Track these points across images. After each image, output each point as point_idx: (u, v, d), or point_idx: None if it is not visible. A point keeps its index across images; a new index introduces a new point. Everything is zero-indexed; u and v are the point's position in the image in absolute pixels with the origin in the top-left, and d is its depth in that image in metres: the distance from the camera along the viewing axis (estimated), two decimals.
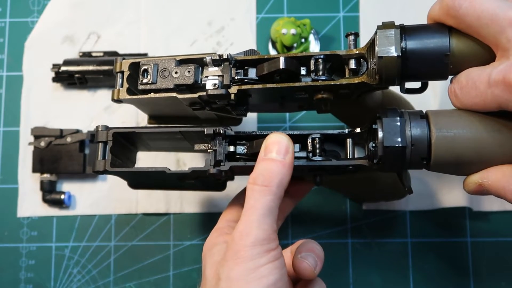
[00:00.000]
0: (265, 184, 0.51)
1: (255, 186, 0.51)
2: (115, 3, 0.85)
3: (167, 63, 0.59)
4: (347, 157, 0.57)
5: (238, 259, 0.49)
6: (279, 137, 0.53)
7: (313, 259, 0.56)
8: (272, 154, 0.53)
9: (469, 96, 0.50)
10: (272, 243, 0.51)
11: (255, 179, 0.52)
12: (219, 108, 0.60)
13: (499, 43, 0.48)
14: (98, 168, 0.59)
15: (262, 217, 0.50)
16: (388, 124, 0.52)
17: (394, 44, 0.52)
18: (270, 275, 0.49)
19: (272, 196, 0.51)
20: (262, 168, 0.52)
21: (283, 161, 0.52)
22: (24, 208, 0.81)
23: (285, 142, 0.53)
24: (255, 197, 0.51)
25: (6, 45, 0.85)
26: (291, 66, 0.56)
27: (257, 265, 0.49)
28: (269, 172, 0.52)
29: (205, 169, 0.57)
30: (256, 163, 0.53)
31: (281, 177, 0.52)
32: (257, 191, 0.51)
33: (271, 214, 0.51)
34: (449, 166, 0.52)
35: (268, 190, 0.51)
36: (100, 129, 0.59)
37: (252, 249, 0.49)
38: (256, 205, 0.51)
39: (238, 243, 0.50)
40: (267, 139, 0.54)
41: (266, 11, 0.85)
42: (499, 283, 0.77)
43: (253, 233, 0.50)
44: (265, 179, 0.51)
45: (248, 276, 0.49)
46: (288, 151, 0.53)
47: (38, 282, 0.79)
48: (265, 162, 0.53)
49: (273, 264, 0.50)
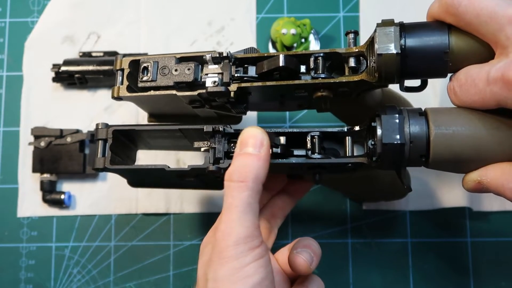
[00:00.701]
0: (241, 180, 0.50)
1: (232, 183, 0.50)
2: (115, 3, 0.85)
3: (167, 60, 0.59)
4: (346, 155, 0.57)
5: (222, 260, 0.48)
6: (254, 131, 0.53)
7: (309, 255, 0.56)
8: (248, 148, 0.52)
9: (468, 93, 0.50)
10: (256, 240, 0.50)
11: (231, 175, 0.51)
12: (218, 106, 0.60)
13: (498, 41, 0.48)
14: (98, 166, 0.59)
15: (242, 214, 0.49)
16: (386, 121, 0.52)
17: (393, 41, 0.52)
18: (255, 274, 0.48)
19: (250, 191, 0.50)
20: (237, 164, 0.51)
21: (258, 154, 0.51)
22: (24, 208, 0.81)
23: (260, 135, 0.52)
24: (232, 195, 0.50)
25: (6, 45, 0.85)
26: (291, 64, 0.56)
27: (242, 264, 0.48)
28: (244, 167, 0.51)
29: (204, 167, 0.57)
30: (233, 159, 0.52)
31: (256, 171, 0.51)
32: (234, 188, 0.50)
33: (251, 210, 0.50)
34: (448, 163, 0.52)
35: (245, 185, 0.50)
36: (100, 127, 0.60)
37: (235, 248, 0.48)
38: (234, 203, 0.50)
39: (221, 243, 0.49)
40: (242, 133, 0.53)
41: (266, 11, 0.85)
42: (499, 283, 0.77)
43: (234, 231, 0.49)
44: (241, 174, 0.50)
45: (233, 276, 0.48)
46: (263, 144, 0.52)
47: (38, 282, 0.79)
48: (240, 157, 0.52)
49: (258, 262, 0.49)
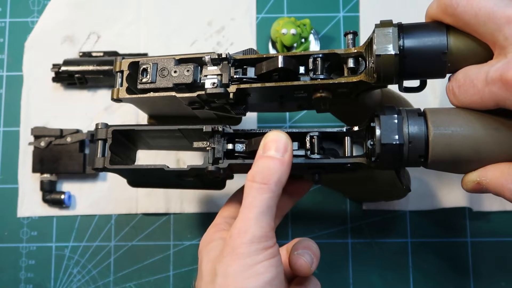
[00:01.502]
0: (264, 182, 0.51)
1: (254, 183, 0.51)
2: (115, 3, 0.85)
3: (166, 62, 0.59)
4: (345, 155, 0.57)
5: (235, 256, 0.49)
6: (278, 135, 0.53)
7: (310, 256, 0.57)
8: (271, 152, 0.52)
9: (466, 94, 0.51)
10: (270, 241, 0.51)
11: (254, 176, 0.52)
12: (218, 107, 0.60)
13: (497, 41, 0.49)
14: (98, 165, 0.59)
15: (260, 215, 0.50)
16: (385, 122, 0.52)
17: (392, 42, 0.52)
18: (266, 272, 0.49)
19: (271, 194, 0.51)
20: (261, 166, 0.52)
21: (281, 159, 0.52)
22: (24, 208, 0.81)
23: (284, 140, 0.53)
24: (253, 195, 0.51)
25: (6, 45, 0.85)
26: (290, 65, 0.56)
27: (254, 262, 0.49)
28: (267, 170, 0.52)
29: (203, 167, 0.57)
30: (255, 161, 0.53)
31: (279, 175, 0.52)
32: (256, 188, 0.51)
33: (269, 212, 0.51)
34: (446, 164, 0.52)
35: (267, 188, 0.51)
36: (99, 127, 0.60)
37: (249, 246, 0.49)
38: (254, 203, 0.51)
39: (236, 240, 0.50)
40: (266, 136, 0.54)
41: (266, 11, 0.85)
42: (499, 283, 0.77)
43: (250, 230, 0.50)
44: (264, 176, 0.51)
45: (245, 272, 0.49)
46: (287, 149, 0.53)
47: (38, 282, 0.79)
48: (263, 160, 0.52)
49: (270, 261, 0.50)
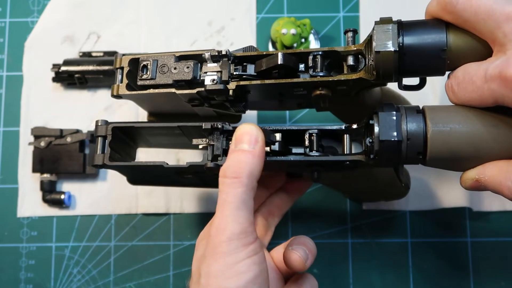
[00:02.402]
0: (235, 176, 0.50)
1: (226, 179, 0.51)
2: (115, 3, 0.85)
3: (166, 59, 0.59)
4: (344, 153, 0.57)
5: (216, 255, 0.49)
6: (249, 128, 0.53)
7: (304, 252, 0.56)
8: (243, 145, 0.52)
9: (466, 91, 0.51)
10: (250, 237, 0.50)
11: (225, 171, 0.51)
12: (217, 105, 0.60)
13: (496, 38, 0.49)
14: (97, 162, 0.59)
15: (236, 210, 0.49)
16: (384, 119, 0.52)
17: (391, 39, 0.52)
18: (248, 271, 0.48)
19: (244, 187, 0.50)
20: (231, 160, 0.52)
21: (252, 151, 0.52)
22: (24, 208, 0.81)
23: (255, 132, 0.52)
24: (226, 191, 0.50)
25: (6, 45, 0.85)
26: (289, 62, 0.56)
27: (235, 260, 0.48)
28: (238, 163, 0.51)
29: (202, 164, 0.57)
30: (227, 155, 0.53)
31: (251, 167, 0.51)
32: (228, 184, 0.50)
33: (245, 206, 0.50)
34: (445, 161, 0.52)
35: (239, 181, 0.50)
36: (99, 124, 0.60)
37: (229, 244, 0.49)
38: (228, 199, 0.50)
39: (215, 238, 0.49)
40: (237, 130, 0.53)
41: (266, 11, 0.85)
42: (499, 283, 0.77)
43: (228, 227, 0.49)
44: (234, 170, 0.51)
45: (227, 272, 0.48)
46: (257, 141, 0.52)
47: (38, 282, 0.79)
48: (234, 154, 0.52)
49: (252, 259, 0.49)
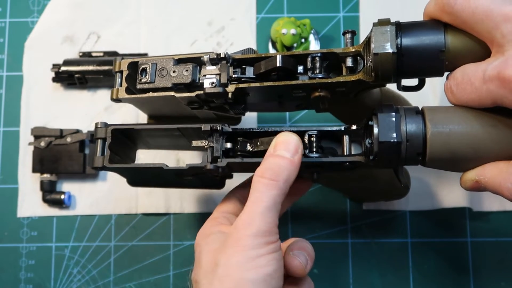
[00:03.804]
0: (273, 178, 0.52)
1: (263, 179, 0.52)
2: (115, 3, 0.85)
3: (165, 62, 0.59)
4: (344, 154, 0.57)
5: (238, 247, 0.50)
6: (290, 136, 0.54)
7: (305, 258, 0.57)
8: (282, 151, 0.53)
9: (464, 92, 0.51)
10: (273, 236, 0.52)
11: (263, 172, 0.53)
12: (217, 107, 0.60)
13: (494, 39, 0.49)
14: (97, 164, 0.59)
15: (266, 209, 0.51)
16: (383, 120, 0.52)
17: (389, 40, 0.52)
18: (268, 265, 0.50)
19: (278, 190, 0.52)
20: (271, 163, 0.53)
21: (292, 159, 0.53)
22: (24, 208, 0.81)
23: (295, 141, 0.54)
24: (261, 190, 0.52)
25: (6, 45, 0.85)
26: (288, 64, 0.56)
27: (256, 254, 0.50)
28: (277, 167, 0.53)
29: (202, 165, 0.57)
30: (264, 158, 0.54)
31: (288, 173, 0.53)
32: (264, 184, 0.52)
33: (275, 208, 0.52)
34: (444, 162, 0.52)
35: (276, 184, 0.52)
36: (99, 126, 0.60)
37: (253, 239, 0.50)
38: (262, 198, 0.51)
39: (240, 231, 0.51)
40: (278, 137, 0.55)
41: (266, 11, 0.85)
42: (499, 283, 0.77)
43: (256, 223, 0.51)
44: (273, 173, 0.52)
45: (247, 264, 0.50)
46: (297, 151, 0.54)
47: (38, 282, 0.79)
48: (274, 158, 0.53)
49: (272, 255, 0.51)
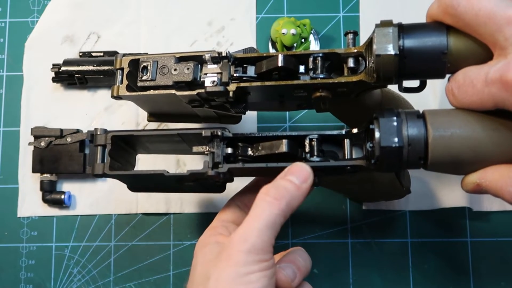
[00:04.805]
0: (276, 198, 0.52)
1: (267, 197, 0.53)
2: (115, 3, 0.85)
3: (166, 60, 0.59)
4: (345, 158, 0.57)
5: (230, 262, 0.50)
6: (303, 167, 0.55)
7: (292, 271, 0.56)
8: (291, 177, 0.54)
9: (466, 94, 0.50)
10: (267, 255, 0.51)
11: (269, 190, 0.53)
12: (218, 106, 0.60)
13: (497, 42, 0.48)
14: (97, 172, 0.59)
15: (264, 227, 0.51)
16: (384, 124, 0.52)
17: (391, 42, 0.52)
18: (258, 282, 0.50)
19: (279, 211, 0.52)
20: (278, 184, 0.54)
21: (299, 185, 0.54)
22: (24, 208, 0.81)
23: (307, 172, 0.55)
24: (263, 207, 0.52)
25: (6, 45, 0.85)
26: (290, 64, 0.56)
27: (248, 271, 0.50)
28: (283, 189, 0.53)
29: (203, 171, 0.57)
30: (274, 180, 0.54)
31: (292, 197, 0.53)
32: (267, 201, 0.52)
33: (273, 228, 0.52)
34: (446, 165, 0.52)
35: (278, 204, 0.52)
36: (98, 133, 0.60)
37: (246, 256, 0.50)
38: (261, 215, 0.51)
39: (235, 246, 0.51)
40: (292, 165, 0.55)
41: (266, 11, 0.85)
42: (499, 283, 0.77)
43: (251, 240, 0.50)
44: (278, 193, 0.53)
45: (237, 279, 0.49)
46: (306, 181, 0.54)
47: (38, 282, 0.79)
48: (282, 180, 0.54)
49: (263, 272, 0.50)
